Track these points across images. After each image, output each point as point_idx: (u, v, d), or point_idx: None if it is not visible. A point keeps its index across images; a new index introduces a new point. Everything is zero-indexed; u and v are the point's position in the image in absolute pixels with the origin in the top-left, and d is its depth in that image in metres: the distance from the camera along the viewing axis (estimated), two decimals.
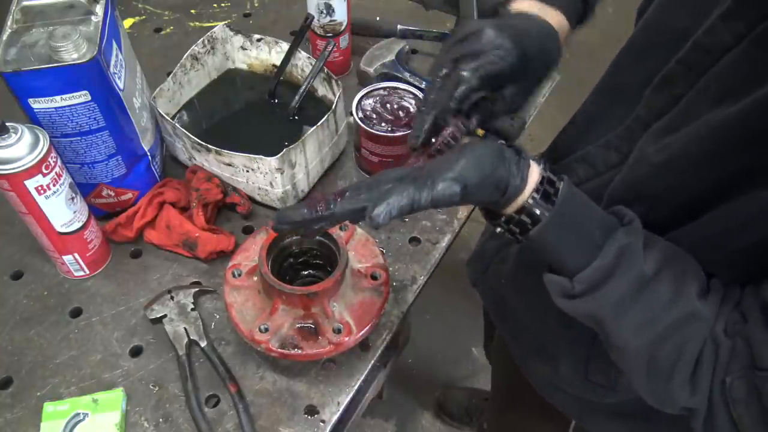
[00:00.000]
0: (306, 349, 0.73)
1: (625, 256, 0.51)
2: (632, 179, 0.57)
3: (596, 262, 0.51)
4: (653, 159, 0.54)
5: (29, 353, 0.80)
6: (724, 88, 0.50)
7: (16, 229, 0.91)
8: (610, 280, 0.51)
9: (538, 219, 0.52)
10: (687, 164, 0.51)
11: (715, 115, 0.49)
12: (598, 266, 0.51)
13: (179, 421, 0.74)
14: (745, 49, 0.48)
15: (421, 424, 1.73)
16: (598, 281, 0.51)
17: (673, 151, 0.52)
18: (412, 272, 0.88)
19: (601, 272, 0.51)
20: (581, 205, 0.54)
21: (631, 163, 0.57)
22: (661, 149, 0.53)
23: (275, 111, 1.04)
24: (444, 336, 1.88)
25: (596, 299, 0.52)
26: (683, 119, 0.52)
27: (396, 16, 1.21)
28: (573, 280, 0.52)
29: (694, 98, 0.52)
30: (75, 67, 0.73)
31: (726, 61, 0.49)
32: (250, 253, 0.81)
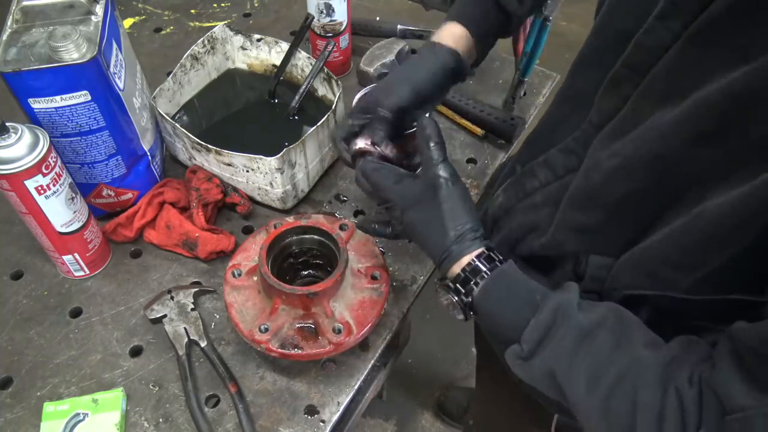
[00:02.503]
0: (306, 349, 0.73)
1: (561, 310, 0.54)
2: (587, 185, 0.58)
3: (534, 319, 0.55)
4: (606, 164, 0.54)
5: (29, 353, 0.80)
6: (667, 87, 0.50)
7: (16, 229, 0.91)
8: (552, 333, 0.54)
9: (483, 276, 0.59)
10: (638, 169, 0.52)
11: (660, 117, 0.49)
12: (537, 322, 0.55)
13: (179, 421, 0.74)
14: (682, 47, 0.48)
15: (421, 424, 1.73)
16: (540, 337, 0.54)
17: (624, 156, 0.52)
18: (412, 272, 0.88)
19: (540, 328, 0.54)
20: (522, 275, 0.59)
21: (584, 170, 0.58)
22: (612, 154, 0.54)
23: (275, 111, 1.04)
24: (444, 336, 1.87)
25: (544, 355, 0.54)
26: (630, 122, 0.53)
27: (396, 16, 1.21)
28: (520, 341, 0.56)
29: (638, 100, 0.53)
30: (75, 67, 0.73)
31: (665, 61, 0.50)
32: (250, 253, 0.81)
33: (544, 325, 0.54)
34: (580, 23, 2.58)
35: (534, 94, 1.13)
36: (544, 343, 0.54)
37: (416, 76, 0.72)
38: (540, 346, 0.54)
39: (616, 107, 0.55)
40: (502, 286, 0.59)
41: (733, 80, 0.43)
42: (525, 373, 0.57)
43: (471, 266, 0.59)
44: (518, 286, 0.58)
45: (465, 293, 0.60)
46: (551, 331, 0.54)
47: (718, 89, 0.44)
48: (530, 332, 0.55)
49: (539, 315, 0.54)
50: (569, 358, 0.53)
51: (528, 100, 1.12)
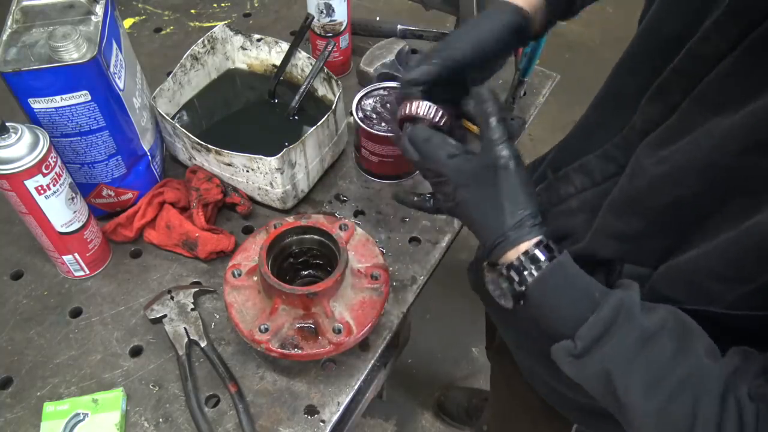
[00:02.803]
0: (306, 349, 0.73)
1: (623, 309, 0.51)
2: (631, 191, 0.56)
3: (594, 315, 0.51)
4: (652, 171, 0.53)
5: (29, 353, 0.80)
6: (721, 97, 0.49)
7: (16, 229, 0.91)
8: (611, 333, 0.51)
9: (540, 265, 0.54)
10: (687, 176, 0.50)
11: (716, 124, 0.48)
12: (597, 319, 0.51)
13: (179, 421, 0.74)
14: (739, 57, 0.47)
15: (421, 424, 1.73)
16: (598, 335, 0.51)
17: (673, 163, 0.51)
18: (412, 272, 0.88)
19: (600, 325, 0.51)
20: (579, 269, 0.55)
21: (629, 175, 0.57)
22: (660, 161, 0.52)
23: (275, 111, 1.04)
24: (444, 336, 1.88)
25: (600, 354, 0.51)
26: (679, 129, 0.52)
27: (396, 16, 1.21)
28: (575, 338, 0.52)
29: (689, 107, 0.52)
30: (75, 67, 0.73)
31: (721, 69, 0.48)
32: (250, 253, 0.81)
33: (603, 322, 0.51)
34: (580, 23, 2.58)
35: (534, 94, 1.13)
36: (602, 342, 0.51)
37: (478, 30, 0.64)
38: (597, 344, 0.51)
39: (663, 114, 0.54)
40: (559, 278, 0.54)
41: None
42: (575, 371, 0.54)
43: (529, 254, 0.55)
44: (576, 279, 0.54)
45: (519, 282, 0.56)
46: (611, 330, 0.51)
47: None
48: (588, 329, 0.51)
49: (600, 311, 0.51)
50: (629, 360, 0.50)
51: (528, 100, 1.12)
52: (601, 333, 0.51)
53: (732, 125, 0.46)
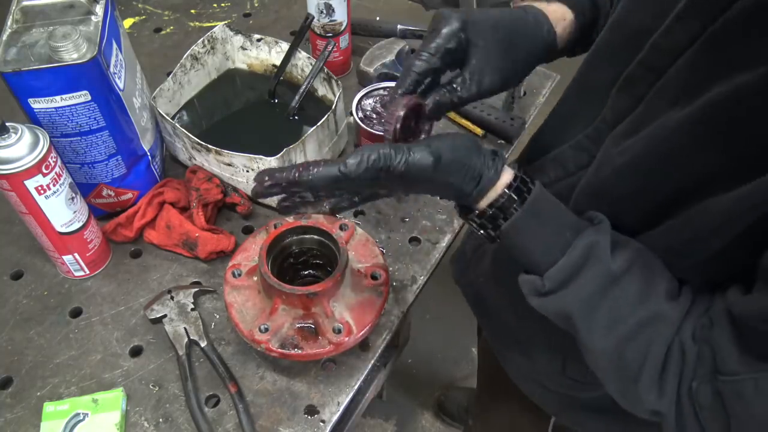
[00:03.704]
0: (306, 349, 0.73)
1: (593, 253, 0.52)
2: (597, 181, 0.58)
3: (563, 259, 0.52)
4: (616, 161, 0.54)
5: (29, 353, 0.80)
6: (679, 89, 0.50)
7: (16, 229, 0.91)
8: (578, 277, 0.52)
9: (510, 213, 0.54)
10: (647, 166, 0.52)
11: (670, 116, 0.49)
12: (565, 263, 0.52)
13: (179, 421, 0.74)
14: (699, 50, 0.48)
15: (421, 424, 1.73)
16: (566, 278, 0.52)
17: (634, 154, 0.52)
18: (412, 272, 0.88)
19: (568, 269, 0.52)
20: (553, 206, 0.56)
21: (595, 166, 0.58)
22: (623, 151, 0.54)
23: (275, 111, 1.04)
24: (444, 336, 1.88)
25: (566, 296, 0.53)
26: (642, 121, 0.53)
27: (396, 16, 1.21)
28: (543, 277, 0.54)
29: (653, 99, 0.53)
30: (75, 67, 0.73)
31: (681, 62, 0.50)
32: (250, 253, 0.81)
33: (572, 266, 0.52)
34: None
35: (534, 94, 1.13)
36: (568, 284, 0.53)
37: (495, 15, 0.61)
38: (563, 286, 0.53)
39: (629, 106, 0.55)
40: (531, 221, 0.54)
41: (743, 83, 0.43)
42: (539, 306, 0.56)
43: (499, 203, 0.54)
44: (548, 220, 0.55)
45: (492, 228, 0.56)
46: (579, 273, 0.52)
47: (727, 91, 0.44)
48: (556, 272, 0.53)
49: (569, 256, 0.52)
50: (591, 303, 0.52)
51: (528, 100, 1.12)
52: (569, 277, 0.53)
53: (683, 117, 0.48)
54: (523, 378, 0.83)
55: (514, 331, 0.79)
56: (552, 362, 0.73)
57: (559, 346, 0.71)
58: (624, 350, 0.52)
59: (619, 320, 0.52)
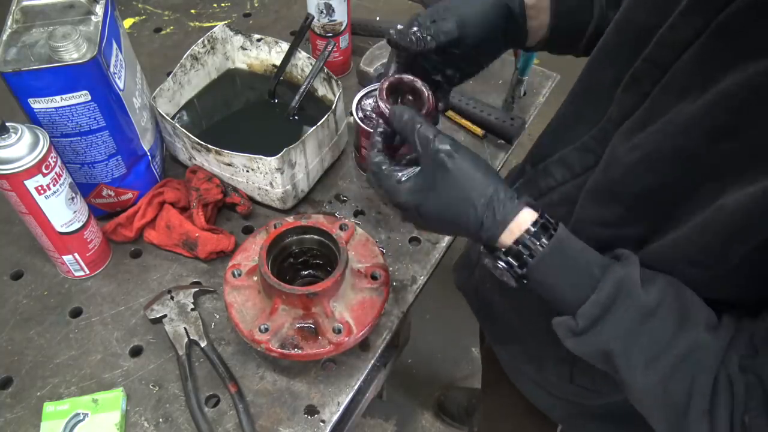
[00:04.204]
0: (306, 349, 0.73)
1: (623, 287, 0.51)
2: (606, 180, 0.57)
3: (594, 295, 0.52)
4: (625, 159, 0.54)
5: (29, 353, 0.80)
6: (687, 82, 0.50)
7: (16, 229, 0.91)
8: (612, 312, 0.51)
9: (536, 250, 0.53)
10: (657, 163, 0.51)
11: (680, 110, 0.49)
12: (597, 299, 0.51)
13: (179, 421, 0.74)
14: (704, 42, 0.48)
15: (421, 424, 1.73)
16: (599, 314, 0.51)
17: (644, 150, 0.52)
18: (412, 272, 0.88)
19: (600, 304, 0.51)
20: (579, 243, 0.55)
21: (603, 165, 0.58)
22: (631, 148, 0.53)
23: (275, 111, 1.04)
24: (444, 336, 1.88)
25: (602, 333, 0.52)
26: (649, 117, 0.53)
27: (396, 16, 1.21)
28: (575, 316, 0.53)
29: (658, 95, 0.53)
30: (75, 67, 0.73)
31: (687, 56, 0.50)
32: (250, 253, 0.81)
33: (603, 301, 0.51)
34: None
35: (534, 94, 1.13)
36: (602, 321, 0.52)
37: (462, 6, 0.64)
38: (598, 323, 0.52)
39: (636, 103, 0.55)
40: (557, 258, 0.54)
41: (754, 73, 0.43)
42: (575, 347, 0.55)
43: (524, 239, 0.54)
44: (575, 256, 0.54)
45: (519, 265, 0.55)
46: (611, 309, 0.51)
47: (737, 82, 0.44)
48: (588, 308, 0.52)
49: (600, 291, 0.51)
50: (628, 339, 0.51)
51: (528, 100, 1.12)
52: (602, 312, 0.51)
53: (694, 111, 0.47)
54: (529, 385, 0.83)
55: (521, 338, 0.78)
56: (560, 370, 0.71)
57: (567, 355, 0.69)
58: (668, 384, 0.50)
59: (660, 353, 0.50)
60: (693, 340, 0.50)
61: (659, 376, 0.50)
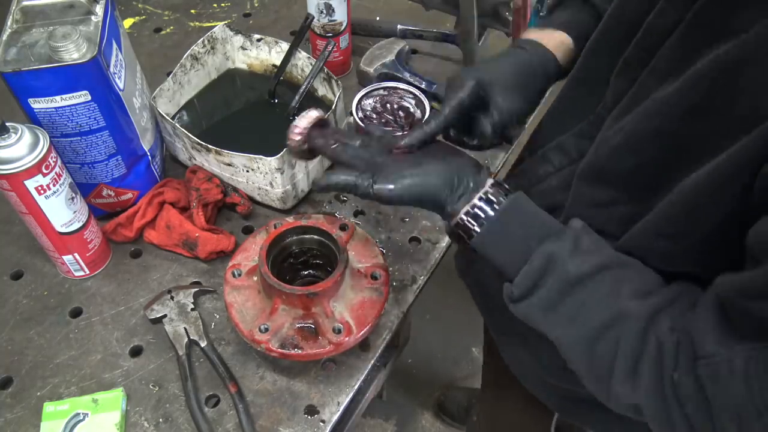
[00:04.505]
0: (306, 349, 0.73)
1: (551, 260, 0.55)
2: (595, 162, 0.59)
3: (525, 266, 0.56)
4: (612, 141, 0.56)
5: (29, 353, 0.80)
6: (668, 66, 0.52)
7: (16, 229, 0.91)
8: (540, 284, 0.55)
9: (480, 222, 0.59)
10: (639, 143, 0.53)
11: (659, 93, 0.51)
12: (527, 271, 0.56)
13: (179, 421, 0.74)
14: (685, 27, 0.50)
15: (421, 424, 1.73)
16: (531, 284, 0.56)
17: (627, 132, 0.54)
18: (412, 272, 0.88)
19: (530, 276, 0.56)
20: (526, 217, 0.59)
21: (593, 148, 0.60)
22: (617, 131, 0.55)
23: (275, 111, 1.04)
24: (444, 336, 1.88)
25: (530, 302, 0.56)
26: (635, 100, 0.55)
27: (396, 16, 1.21)
28: (512, 285, 0.58)
29: (644, 79, 0.55)
30: (75, 67, 0.73)
31: (670, 41, 0.52)
32: (250, 253, 0.81)
33: (533, 274, 0.55)
34: None
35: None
36: (532, 291, 0.56)
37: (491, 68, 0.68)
38: (530, 293, 0.56)
39: (626, 88, 0.57)
40: (497, 233, 0.59)
41: (722, 52, 0.45)
42: (514, 312, 0.59)
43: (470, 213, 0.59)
44: (515, 232, 0.59)
45: (467, 237, 0.60)
46: (540, 281, 0.55)
47: (708, 62, 0.47)
48: (520, 280, 0.56)
49: (530, 264, 0.56)
50: (551, 308, 0.55)
51: None
52: (532, 284, 0.56)
53: (670, 92, 0.49)
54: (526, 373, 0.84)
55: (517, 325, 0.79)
56: (554, 356, 0.72)
57: None
58: (594, 349, 0.53)
59: (585, 320, 0.53)
60: (616, 311, 0.52)
61: (585, 340, 0.54)
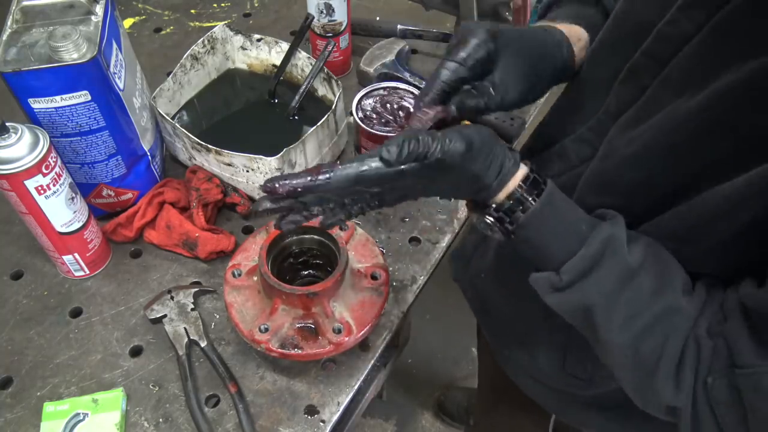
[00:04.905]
0: (306, 349, 0.73)
1: (610, 245, 0.52)
2: (603, 172, 0.58)
3: (582, 250, 0.52)
4: (622, 151, 0.55)
5: (29, 353, 0.80)
6: (686, 77, 0.50)
7: (16, 229, 0.91)
8: (597, 269, 0.52)
9: (528, 205, 0.53)
10: (654, 157, 0.52)
11: (678, 106, 0.50)
12: (584, 255, 0.52)
13: (179, 421, 0.74)
14: (704, 38, 0.49)
15: (421, 424, 1.73)
16: (585, 270, 0.52)
17: (641, 144, 0.53)
18: (412, 272, 0.88)
19: (587, 261, 0.52)
20: (567, 201, 0.55)
21: (600, 156, 0.58)
22: (629, 141, 0.54)
23: (275, 111, 1.04)
24: (444, 336, 1.88)
25: (584, 288, 0.52)
26: (648, 110, 0.53)
27: (396, 16, 1.21)
28: (560, 271, 0.53)
29: (657, 89, 0.53)
30: (75, 67, 0.73)
31: (687, 51, 0.50)
32: (250, 253, 0.81)
33: (591, 258, 0.51)
34: None
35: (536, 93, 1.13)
36: (587, 276, 0.52)
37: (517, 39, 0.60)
38: (582, 279, 0.52)
39: (633, 97, 0.55)
40: (548, 214, 0.54)
41: (751, 70, 0.44)
42: (556, 302, 0.55)
43: (517, 194, 0.53)
44: (564, 213, 0.55)
45: (510, 221, 0.54)
46: (597, 266, 0.52)
47: (735, 79, 0.45)
48: (575, 263, 0.52)
49: (588, 247, 0.52)
50: (610, 297, 0.52)
51: None
52: (588, 268, 0.52)
53: (691, 107, 0.48)
54: (523, 376, 0.84)
55: (515, 327, 0.79)
56: (552, 358, 0.73)
57: (559, 343, 0.71)
58: (641, 344, 0.51)
59: (637, 314, 0.51)
60: (669, 303, 0.51)
61: (633, 336, 0.51)
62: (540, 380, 0.79)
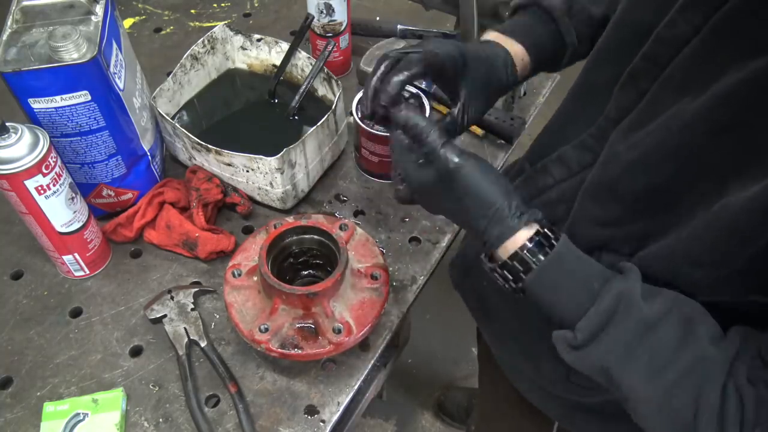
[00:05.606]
0: (306, 349, 0.73)
1: (623, 299, 0.50)
2: (605, 178, 0.57)
3: (593, 308, 0.51)
4: (624, 157, 0.54)
5: (29, 353, 0.80)
6: (686, 79, 0.50)
7: (16, 229, 0.91)
8: (611, 326, 0.51)
9: (531, 267, 0.53)
10: (657, 161, 0.51)
11: (681, 108, 0.49)
12: (596, 311, 0.51)
13: (179, 421, 0.74)
14: (703, 40, 0.48)
15: (421, 424, 1.73)
16: (598, 327, 0.51)
17: (645, 148, 0.52)
18: (412, 272, 0.88)
19: (600, 317, 0.51)
20: (580, 257, 0.54)
21: (602, 162, 0.58)
22: (631, 147, 0.53)
23: (275, 111, 1.04)
24: (444, 336, 1.88)
25: (600, 346, 0.51)
26: (648, 113, 0.53)
27: (396, 16, 1.21)
28: (575, 329, 0.52)
29: (657, 91, 0.53)
30: (75, 67, 0.73)
31: (686, 53, 0.50)
32: (250, 253, 0.81)
33: (602, 315, 0.50)
34: None
35: (534, 94, 1.13)
36: (601, 335, 0.51)
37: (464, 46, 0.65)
38: (597, 337, 0.51)
39: (634, 101, 0.55)
40: (555, 273, 0.54)
41: (755, 70, 0.43)
42: (574, 361, 0.54)
43: (518, 256, 0.54)
44: (574, 270, 0.54)
45: (514, 280, 0.55)
46: (611, 323, 0.50)
47: (739, 79, 0.44)
48: (587, 322, 0.51)
49: (599, 304, 0.51)
50: (628, 353, 0.50)
51: (528, 100, 1.12)
52: (601, 326, 0.51)
53: (695, 108, 0.47)
54: (526, 383, 0.83)
55: (518, 336, 0.78)
56: (557, 368, 0.71)
57: None
58: (672, 399, 0.49)
59: (662, 368, 0.49)
60: (697, 353, 0.49)
61: (663, 390, 0.49)
62: (543, 388, 0.78)
